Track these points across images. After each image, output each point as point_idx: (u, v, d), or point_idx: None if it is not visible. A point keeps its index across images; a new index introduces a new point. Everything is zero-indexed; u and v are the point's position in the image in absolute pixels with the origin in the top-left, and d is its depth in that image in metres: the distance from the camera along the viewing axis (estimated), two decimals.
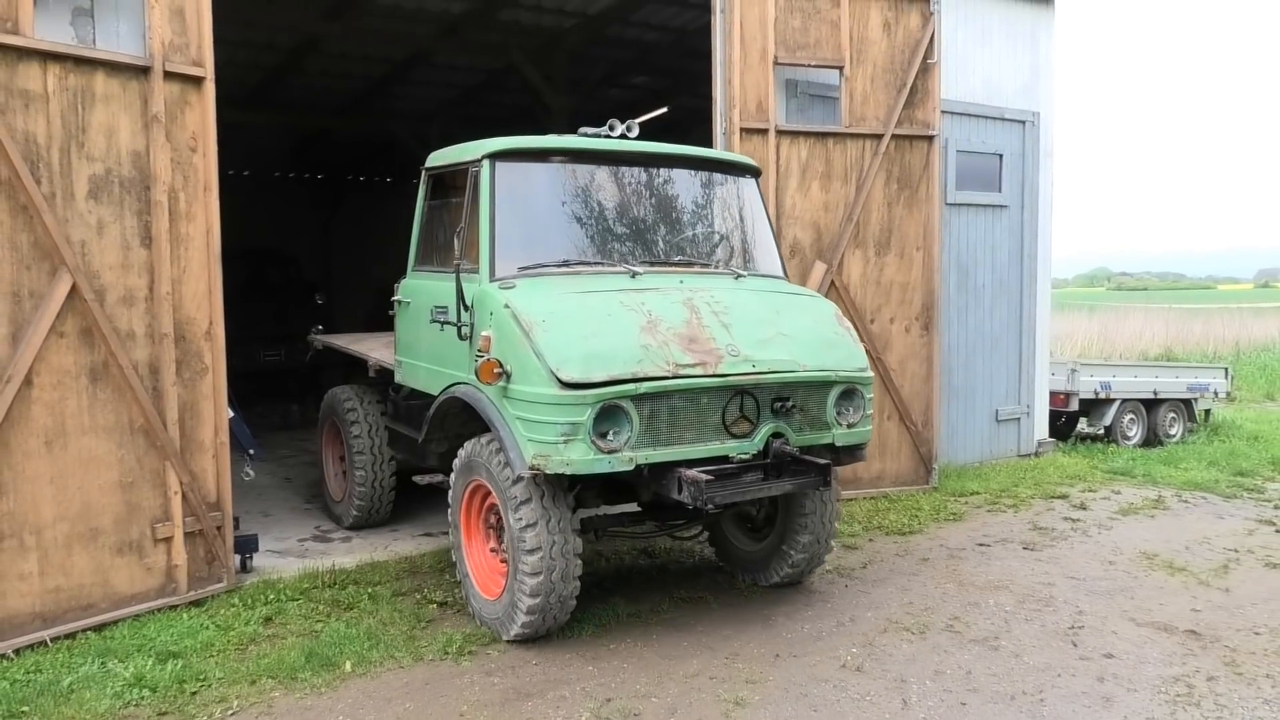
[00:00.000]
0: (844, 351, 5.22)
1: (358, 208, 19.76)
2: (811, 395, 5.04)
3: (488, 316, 4.91)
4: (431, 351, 5.71)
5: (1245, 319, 27.49)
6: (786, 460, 4.90)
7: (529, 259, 5.17)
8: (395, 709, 4.24)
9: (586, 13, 10.88)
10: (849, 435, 5.19)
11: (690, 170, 5.85)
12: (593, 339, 4.61)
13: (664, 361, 4.62)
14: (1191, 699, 4.39)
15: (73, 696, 4.32)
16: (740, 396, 4.81)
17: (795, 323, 5.21)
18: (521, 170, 5.35)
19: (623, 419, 4.53)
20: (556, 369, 4.47)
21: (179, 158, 5.48)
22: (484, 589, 5.17)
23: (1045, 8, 10.05)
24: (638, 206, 5.62)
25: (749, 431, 4.86)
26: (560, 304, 4.79)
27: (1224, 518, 7.82)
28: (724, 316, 4.98)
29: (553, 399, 4.47)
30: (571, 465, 4.48)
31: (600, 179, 5.48)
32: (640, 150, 5.60)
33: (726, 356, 4.77)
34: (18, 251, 4.86)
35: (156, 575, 5.42)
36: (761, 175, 6.35)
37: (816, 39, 7.99)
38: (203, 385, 5.61)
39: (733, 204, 5.99)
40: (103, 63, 5.16)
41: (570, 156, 5.44)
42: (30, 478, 4.92)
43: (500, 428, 4.76)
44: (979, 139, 9.56)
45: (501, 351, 4.74)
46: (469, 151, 5.43)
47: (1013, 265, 9.94)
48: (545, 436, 4.49)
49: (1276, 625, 5.33)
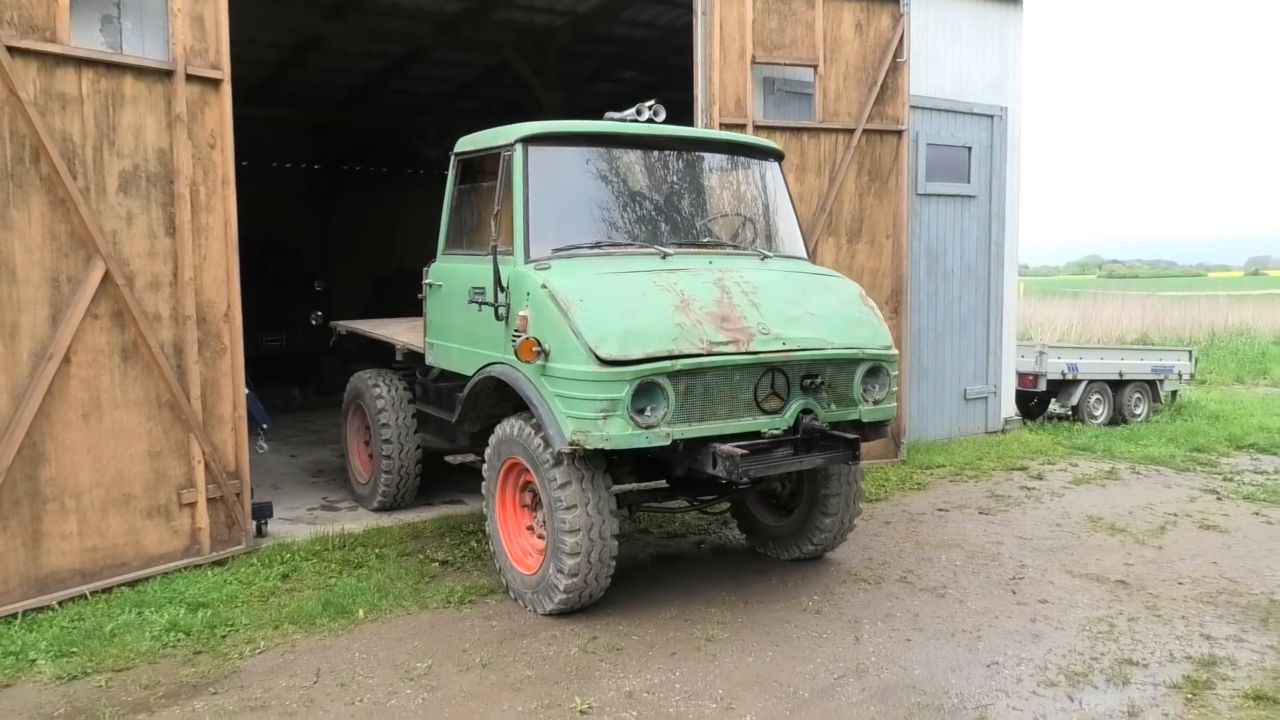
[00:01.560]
0: (870, 330, 5.35)
1: (356, 198, 20.18)
2: (839, 372, 5.18)
3: (524, 297, 5.03)
4: (465, 333, 5.82)
5: (1221, 305, 28.09)
6: (816, 436, 5.03)
7: (562, 241, 5.28)
8: (405, 646, 4.77)
9: (576, 11, 11.37)
10: (875, 411, 5.33)
11: (715, 153, 6.02)
12: (629, 317, 4.73)
13: (698, 339, 4.74)
14: (1111, 635, 4.94)
15: (115, 639, 4.83)
16: (771, 374, 4.94)
17: (822, 302, 5.34)
18: (553, 154, 5.45)
19: (659, 395, 4.66)
20: (595, 346, 4.59)
21: (199, 154, 5.96)
22: (519, 564, 5.32)
23: (1013, 8, 10.56)
24: (666, 189, 5.75)
25: (780, 408, 4.99)
26: (596, 284, 4.90)
27: (1171, 487, 8.39)
28: (753, 296, 5.10)
29: (592, 376, 4.59)
30: (610, 440, 4.60)
31: (629, 162, 5.62)
32: (667, 134, 5.72)
33: (758, 335, 4.90)
34: (56, 241, 5.35)
35: (182, 537, 5.94)
36: (784, 159, 6.47)
37: (792, 39, 8.49)
38: (222, 363, 6.11)
39: (757, 186, 6.12)
40: (131, 67, 5.64)
41: (600, 140, 5.57)
42: (69, 447, 5.42)
43: (539, 405, 4.87)
44: (949, 132, 10.07)
45: (539, 330, 4.85)
46: (501, 136, 5.54)
47: (981, 252, 10.48)
48: (584, 413, 4.61)
49: (1199, 576, 5.90)
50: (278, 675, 4.46)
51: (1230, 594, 5.59)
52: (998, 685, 4.36)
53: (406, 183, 20.35)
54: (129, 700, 4.21)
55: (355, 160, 20.33)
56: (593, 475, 4.89)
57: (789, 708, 4.13)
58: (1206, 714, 4.08)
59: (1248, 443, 10.67)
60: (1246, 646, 4.82)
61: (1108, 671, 4.50)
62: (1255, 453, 10.29)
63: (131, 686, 4.35)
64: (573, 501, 4.82)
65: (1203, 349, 22.10)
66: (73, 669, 4.50)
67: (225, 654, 4.70)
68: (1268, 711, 4.10)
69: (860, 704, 4.17)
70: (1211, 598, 5.52)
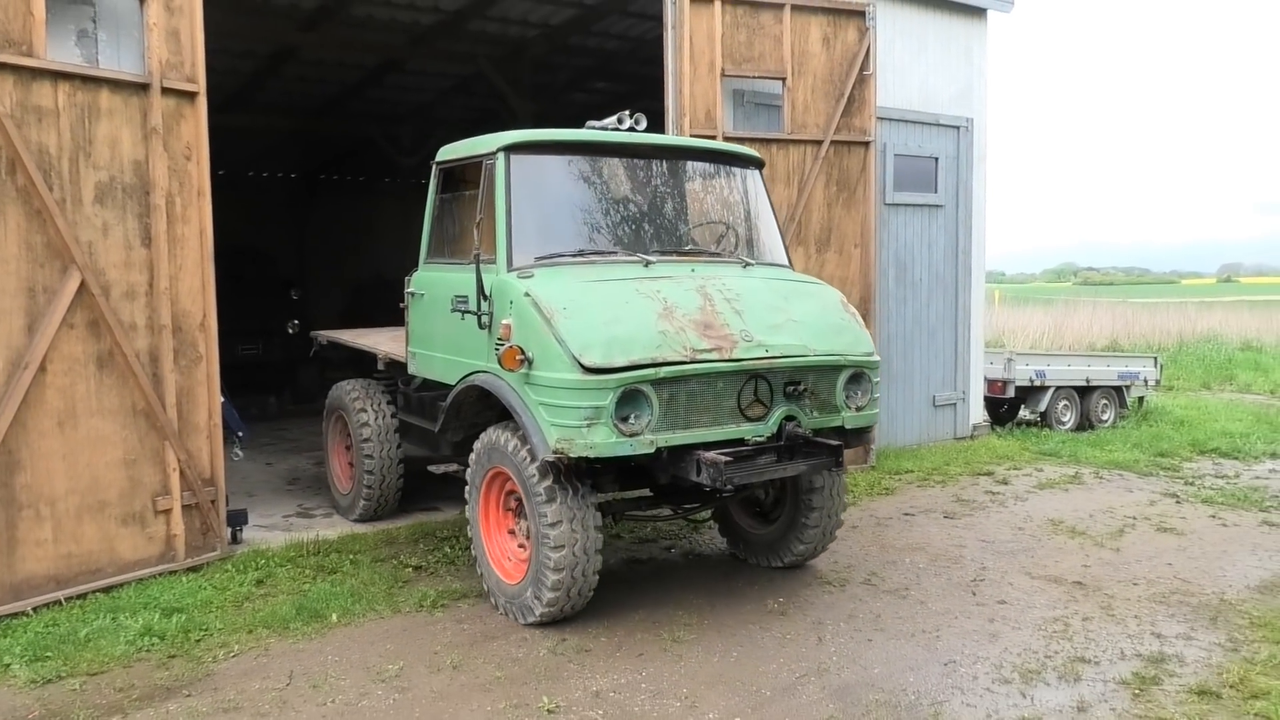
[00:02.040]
0: (851, 336, 5.38)
1: (332, 206, 20.20)
2: (822, 379, 5.19)
3: (507, 305, 5.02)
4: (448, 341, 5.82)
5: (1190, 312, 28.52)
6: (799, 442, 5.03)
7: (545, 249, 5.27)
8: (377, 649, 4.86)
9: (549, 24, 11.50)
10: (858, 418, 5.35)
11: (697, 161, 6.07)
12: (613, 325, 4.73)
13: (681, 347, 4.75)
14: (1066, 634, 5.10)
15: (89, 644, 4.90)
16: (754, 381, 4.96)
17: (804, 309, 5.35)
18: (535, 162, 5.47)
19: (643, 403, 4.66)
20: (579, 354, 4.59)
21: (175, 166, 6.04)
22: (503, 573, 5.32)
23: (978, 22, 10.77)
24: (648, 197, 5.76)
25: (763, 415, 5.00)
26: (579, 292, 4.90)
27: (1133, 491, 8.58)
28: (736, 303, 5.11)
29: (576, 384, 4.59)
30: (595, 448, 4.59)
31: (611, 170, 5.65)
32: (649, 142, 5.78)
33: (740, 342, 4.91)
34: (33, 251, 5.42)
35: (157, 544, 6.00)
36: (765, 167, 6.52)
37: (760, 52, 8.65)
38: (198, 372, 6.18)
39: (738, 194, 6.15)
40: (107, 80, 5.72)
41: (582, 149, 5.61)
42: (45, 454, 5.48)
43: (522, 413, 4.86)
44: (916, 143, 10.27)
45: (523, 339, 4.85)
46: (482, 145, 5.56)
47: (948, 261, 10.67)
48: (568, 421, 4.61)
49: (1154, 577, 6.07)
50: (251, 678, 4.54)
51: (1183, 594, 5.76)
52: (953, 683, 4.50)
53: (383, 191, 20.40)
54: (103, 703, 4.29)
55: (332, 169, 20.37)
56: (577, 490, 4.91)
57: (751, 705, 4.25)
58: (1152, 708, 4.23)
59: (1210, 447, 10.88)
60: (1195, 644, 4.98)
61: (1060, 669, 4.65)
62: (1217, 457, 10.51)
63: (106, 690, 4.42)
64: (558, 518, 4.83)
65: (1171, 355, 22.44)
66: (47, 673, 4.56)
67: (199, 658, 4.78)
68: (1211, 706, 4.25)
69: (820, 701, 4.29)
70: (1164, 598, 5.69)
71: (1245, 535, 7.09)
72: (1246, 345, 24.18)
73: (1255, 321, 27.46)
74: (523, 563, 5.20)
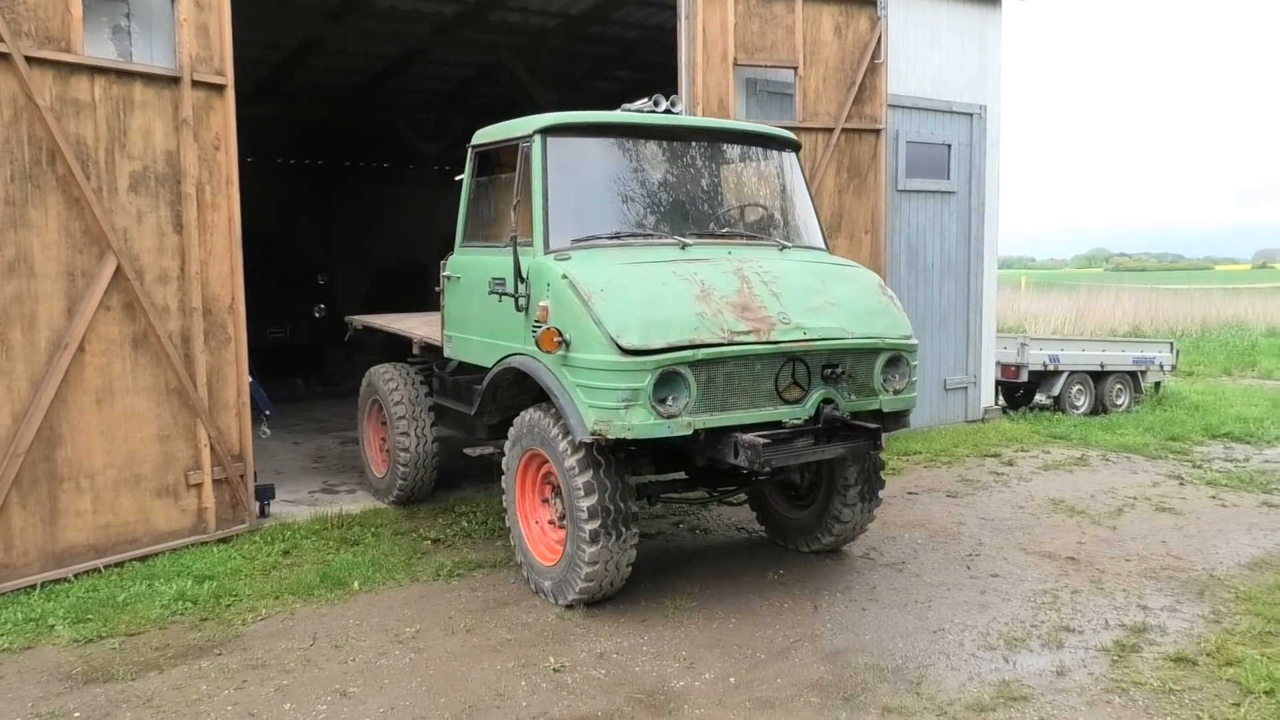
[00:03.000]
0: (889, 319, 5.33)
1: (357, 193, 20.53)
2: (860, 362, 5.16)
3: (545, 287, 5.02)
4: (485, 324, 5.83)
5: (1215, 298, 28.37)
6: (837, 425, 5.01)
7: (582, 231, 5.26)
8: (395, 614, 5.15)
9: (569, 13, 11.71)
10: (895, 401, 5.31)
11: (733, 144, 6.03)
12: (650, 307, 4.72)
13: (719, 329, 4.73)
14: (1054, 605, 5.30)
15: (127, 608, 5.22)
16: (792, 363, 4.93)
17: (841, 292, 5.31)
18: (572, 145, 5.46)
19: (680, 385, 4.65)
20: (617, 336, 4.59)
21: (205, 155, 6.32)
22: (539, 555, 5.36)
23: (992, 10, 10.88)
24: (684, 179, 5.72)
25: (800, 398, 4.98)
26: (616, 274, 4.89)
27: (1138, 473, 8.73)
28: (773, 286, 5.09)
29: (614, 365, 4.58)
30: (633, 430, 4.59)
31: (648, 153, 5.62)
32: (685, 124, 5.76)
33: (778, 324, 4.89)
34: (71, 238, 5.73)
35: (189, 516, 6.32)
36: (801, 149, 6.44)
37: (773, 42, 8.83)
38: (227, 352, 6.48)
39: (775, 177, 6.11)
40: (140, 74, 6.01)
41: (619, 131, 5.58)
42: (84, 430, 5.80)
43: (560, 395, 4.86)
44: (928, 130, 10.41)
45: (560, 321, 4.84)
46: (519, 128, 5.55)
47: (960, 247, 10.82)
48: (606, 402, 4.61)
49: (1147, 554, 6.25)
50: (278, 639, 4.84)
51: (1173, 570, 5.94)
52: (940, 649, 4.72)
53: (407, 178, 20.69)
54: (141, 660, 4.59)
55: (357, 156, 20.68)
56: (611, 464, 4.90)
57: (745, 667, 4.49)
58: (1128, 673, 4.43)
59: (1223, 432, 10.97)
60: (1179, 616, 5.17)
61: (1044, 637, 4.86)
62: (1229, 441, 10.60)
63: (143, 649, 4.73)
64: (591, 490, 4.85)
65: (1193, 341, 22.41)
66: (88, 633, 4.88)
67: (229, 620, 5.08)
68: (1185, 672, 4.45)
69: (811, 664, 4.53)
70: (1155, 573, 5.88)
71: (1243, 515, 7.24)
72: (1271, 331, 24.07)
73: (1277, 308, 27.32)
74: (558, 544, 5.24)
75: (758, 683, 4.33)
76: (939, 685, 4.30)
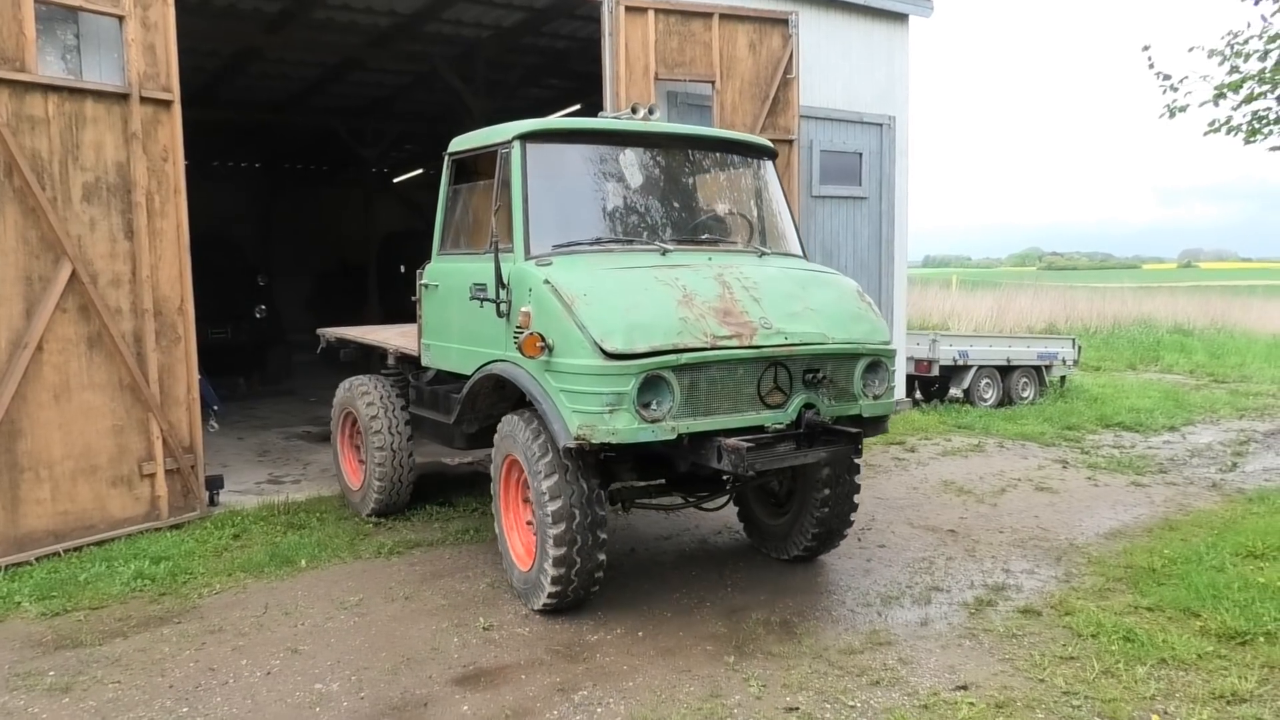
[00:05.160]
0: (869, 325, 5.35)
1: (296, 196, 20.83)
2: (840, 367, 5.17)
3: (526, 293, 5.01)
4: (465, 331, 5.82)
5: (1127, 297, 29.74)
6: (818, 430, 5.01)
7: (562, 237, 5.28)
8: (340, 586, 5.67)
9: (501, 25, 12.22)
10: (875, 406, 5.31)
11: (711, 151, 6.09)
12: (633, 311, 4.71)
13: (702, 333, 4.74)
14: (929, 570, 6.00)
15: (89, 586, 5.66)
16: (774, 368, 4.94)
17: (821, 298, 5.33)
18: (551, 151, 5.49)
19: (664, 389, 4.64)
20: (600, 340, 4.58)
21: (153, 166, 6.76)
22: (519, 559, 5.39)
23: (899, 27, 11.63)
24: (663, 186, 5.75)
25: (782, 402, 4.98)
26: (599, 279, 4.89)
27: (1028, 458, 9.52)
28: (754, 291, 5.10)
29: (597, 370, 4.56)
30: (617, 435, 4.56)
31: (627, 159, 5.62)
32: (664, 131, 5.77)
33: (760, 329, 4.90)
34: (28, 244, 6.14)
35: (143, 503, 6.75)
36: (778, 157, 6.48)
37: (691, 57, 9.46)
38: (177, 351, 6.92)
39: (752, 184, 6.17)
40: (91, 91, 6.43)
41: (598, 138, 5.61)
42: (43, 424, 6.22)
43: (543, 401, 4.83)
44: (841, 140, 11.13)
45: (543, 326, 4.82)
46: (497, 135, 5.56)
47: (872, 248, 11.56)
48: (590, 407, 4.58)
49: (1019, 527, 6.99)
50: (232, 609, 5.33)
51: (1039, 540, 6.68)
52: (824, 606, 5.37)
53: (345, 181, 21.02)
54: (105, 630, 5.06)
55: (295, 160, 20.95)
56: (580, 467, 4.90)
57: (654, 624, 5.10)
58: (981, 622, 5.12)
59: (1116, 421, 11.87)
60: (1035, 577, 5.89)
61: (916, 596, 5.55)
62: (1120, 430, 11.49)
63: (107, 620, 5.19)
64: (557, 493, 4.87)
65: (1104, 338, 23.61)
66: (54, 608, 5.32)
67: (186, 595, 5.56)
68: (1030, 621, 5.15)
69: (711, 620, 5.15)
70: (1022, 543, 6.61)
71: (1112, 494, 8.04)
72: (1177, 328, 25.39)
73: (1191, 306, 28.76)
74: (533, 547, 5.25)
75: (662, 636, 4.94)
76: (818, 636, 4.94)
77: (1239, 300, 31.43)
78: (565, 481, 4.88)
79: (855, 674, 4.48)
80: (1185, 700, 4.21)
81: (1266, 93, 7.28)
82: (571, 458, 4.85)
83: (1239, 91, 7.46)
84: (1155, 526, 7.01)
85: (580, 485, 4.90)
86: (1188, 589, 5.48)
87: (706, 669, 4.54)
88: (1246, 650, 4.71)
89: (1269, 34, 7.31)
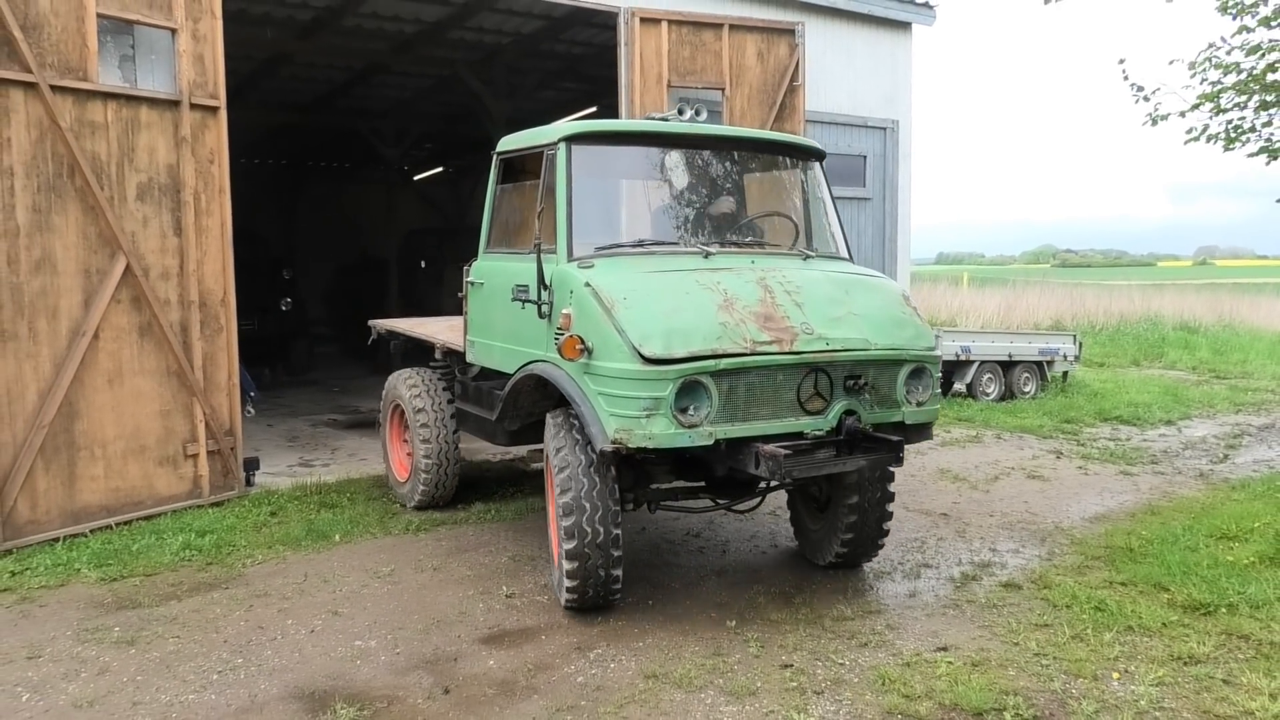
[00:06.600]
0: (913, 330, 5.23)
1: (320, 192, 21.38)
2: (883, 373, 5.06)
3: (567, 295, 4.99)
4: (508, 330, 5.83)
5: (1134, 294, 30.02)
6: (859, 437, 4.91)
7: (605, 239, 5.30)
8: (373, 558, 6.14)
9: (521, 32, 12.69)
10: (918, 413, 5.20)
11: (758, 152, 6.03)
12: (673, 316, 4.68)
13: (742, 339, 4.69)
14: (921, 549, 6.43)
15: (141, 555, 6.15)
16: (814, 374, 4.85)
17: (865, 302, 5.22)
18: (596, 153, 5.49)
19: (702, 394, 4.61)
20: (639, 345, 4.56)
21: (200, 168, 7.25)
22: (556, 552, 5.32)
23: (903, 34, 12.05)
24: (708, 188, 5.71)
25: (822, 409, 4.89)
26: (639, 282, 4.87)
27: (1024, 449, 9.93)
28: (796, 296, 5.02)
29: (635, 374, 4.55)
30: (654, 439, 4.55)
31: (671, 162, 5.59)
32: (709, 133, 5.72)
33: (801, 334, 4.82)
34: (88, 240, 6.63)
35: (187, 482, 7.24)
36: (825, 158, 6.38)
37: (702, 66, 9.91)
38: (219, 340, 7.42)
39: (799, 186, 6.10)
40: (146, 99, 6.92)
41: (643, 140, 5.61)
42: (98, 406, 6.71)
43: (581, 403, 4.82)
44: (845, 143, 11.56)
45: (582, 328, 4.81)
46: (544, 135, 5.57)
47: (876, 247, 11.99)
48: (628, 411, 4.58)
49: (1009, 511, 7.42)
50: (274, 577, 5.81)
51: (1027, 523, 7.11)
52: (821, 580, 5.81)
53: (367, 178, 21.55)
54: (161, 593, 5.54)
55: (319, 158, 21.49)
56: (592, 464, 4.91)
57: (663, 593, 5.56)
58: (965, 594, 5.56)
59: (1114, 415, 12.21)
60: (1020, 556, 6.32)
61: (907, 571, 5.98)
62: (1117, 424, 11.85)
63: (161, 585, 5.68)
64: (567, 487, 4.90)
65: (1110, 334, 23.92)
66: (111, 574, 5.82)
67: (231, 564, 6.04)
68: (1010, 594, 5.58)
69: (716, 591, 5.60)
70: (1011, 525, 7.03)
71: (1101, 482, 8.45)
72: (1182, 325, 25.68)
73: (1200, 303, 29.02)
74: None
75: (670, 604, 5.39)
76: (813, 605, 5.38)
77: (1249, 297, 31.68)
78: (578, 478, 4.92)
79: (846, 637, 4.92)
80: (1145, 661, 4.63)
81: (1244, 103, 7.66)
82: (588, 474, 4.90)
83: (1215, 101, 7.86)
84: (1138, 511, 7.42)
85: (592, 483, 4.91)
86: (1160, 566, 5.89)
87: (710, 632, 4.99)
88: (1209, 620, 5.12)
89: (1248, 46, 7.70)
